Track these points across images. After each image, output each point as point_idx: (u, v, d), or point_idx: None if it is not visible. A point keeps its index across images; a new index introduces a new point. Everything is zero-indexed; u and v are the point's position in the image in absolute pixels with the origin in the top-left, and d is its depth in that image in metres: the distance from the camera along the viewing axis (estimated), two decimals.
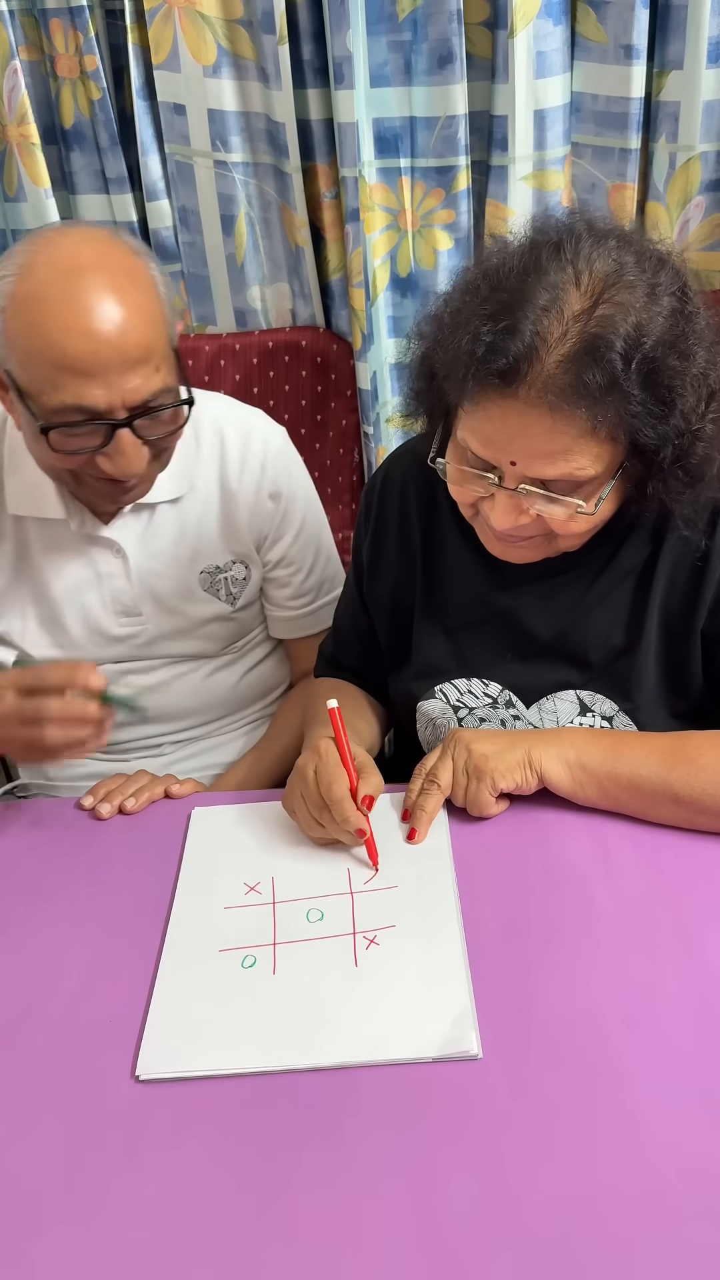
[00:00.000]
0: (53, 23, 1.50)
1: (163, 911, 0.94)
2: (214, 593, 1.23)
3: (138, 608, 1.20)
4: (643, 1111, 0.73)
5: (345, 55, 1.40)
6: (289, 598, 1.30)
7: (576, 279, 0.84)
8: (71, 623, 1.20)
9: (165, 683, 1.26)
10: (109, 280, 0.96)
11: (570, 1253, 0.65)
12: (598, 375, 0.81)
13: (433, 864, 0.96)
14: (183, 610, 1.22)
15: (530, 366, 0.82)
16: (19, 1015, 0.85)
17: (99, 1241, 0.69)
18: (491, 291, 0.86)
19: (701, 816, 0.95)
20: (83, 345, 0.94)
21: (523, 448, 0.86)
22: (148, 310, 0.98)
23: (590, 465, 0.87)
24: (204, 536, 1.21)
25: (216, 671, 1.29)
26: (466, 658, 1.09)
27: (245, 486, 1.21)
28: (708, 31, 1.37)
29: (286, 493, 1.25)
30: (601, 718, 1.04)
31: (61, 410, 0.97)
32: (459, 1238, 0.67)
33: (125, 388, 0.97)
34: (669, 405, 0.84)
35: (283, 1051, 0.80)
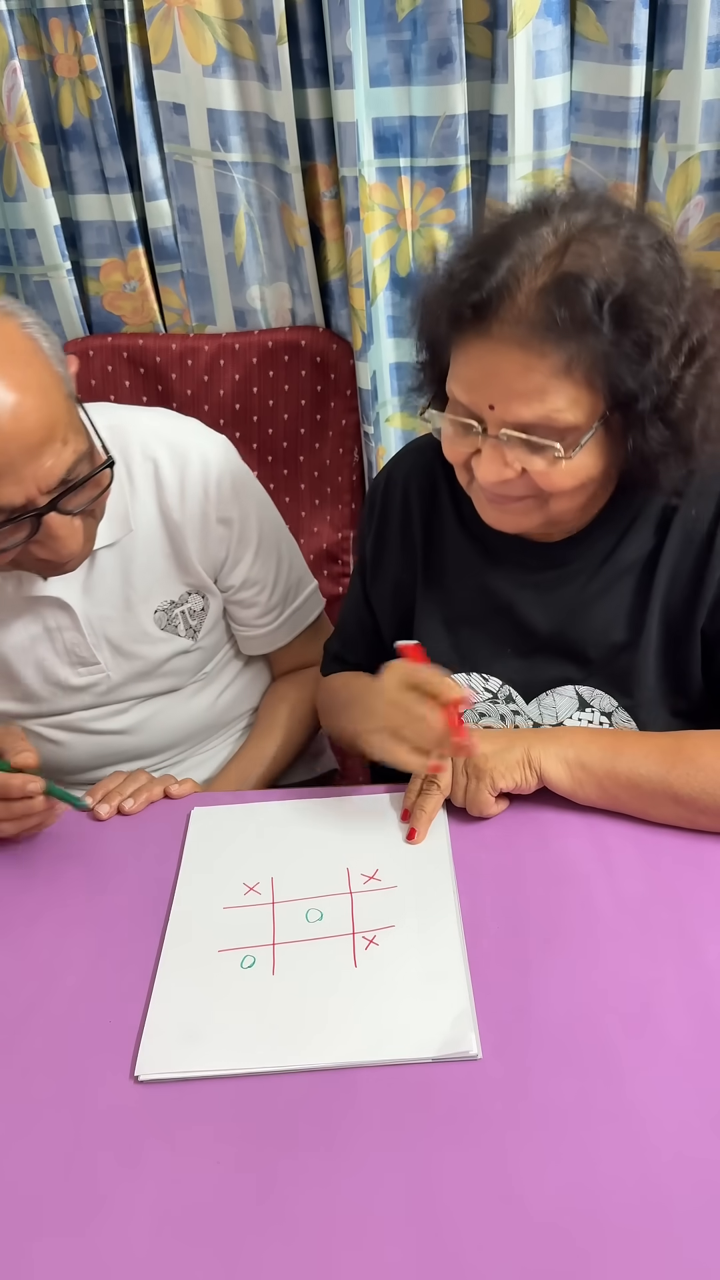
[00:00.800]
0: (52, 22, 1.49)
1: (162, 911, 0.94)
2: (172, 630, 1.18)
3: (94, 657, 1.15)
4: (642, 1111, 0.73)
5: (345, 55, 1.40)
6: (257, 616, 1.25)
7: (555, 229, 0.85)
8: (28, 677, 1.16)
9: (140, 723, 1.22)
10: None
11: (570, 1252, 0.65)
12: (568, 310, 0.82)
13: (432, 864, 0.96)
14: (141, 653, 1.17)
15: (503, 302, 0.84)
16: (18, 1015, 0.85)
17: (98, 1241, 0.69)
18: (472, 245, 0.90)
19: (701, 816, 0.95)
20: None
21: (499, 388, 0.87)
22: (38, 384, 0.91)
23: (567, 409, 0.86)
24: (152, 574, 1.15)
25: (190, 700, 1.25)
26: (466, 652, 1.09)
27: (190, 516, 1.14)
28: (707, 31, 1.36)
29: (238, 515, 1.17)
30: (601, 713, 1.04)
31: None
32: (459, 1237, 0.67)
33: (38, 475, 0.92)
34: (644, 349, 0.84)
35: (282, 1052, 0.80)
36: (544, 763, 0.97)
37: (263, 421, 1.66)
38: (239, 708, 1.33)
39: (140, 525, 1.12)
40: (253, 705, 1.36)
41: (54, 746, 1.21)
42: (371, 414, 1.62)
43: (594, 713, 1.05)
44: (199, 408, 1.66)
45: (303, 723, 1.31)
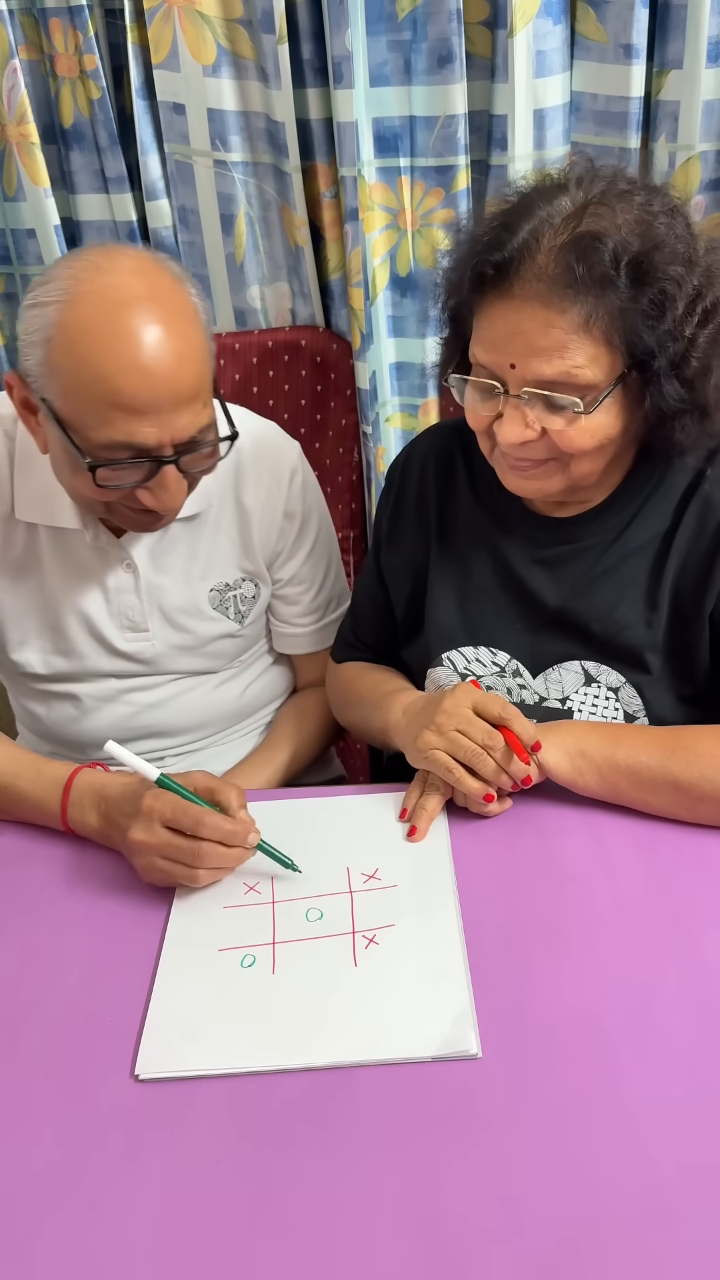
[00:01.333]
0: (52, 22, 1.50)
1: (162, 911, 0.94)
2: (223, 611, 1.22)
3: (145, 623, 1.19)
4: (642, 1110, 0.73)
5: (345, 55, 1.40)
6: (298, 615, 1.30)
7: (572, 198, 0.91)
8: (74, 632, 1.18)
9: (169, 699, 1.25)
10: (161, 314, 0.93)
11: (570, 1252, 0.65)
12: (586, 266, 0.86)
13: (432, 863, 0.96)
14: (190, 627, 1.21)
15: (524, 261, 0.88)
16: (19, 1015, 0.85)
17: (98, 1241, 0.69)
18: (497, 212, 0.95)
19: (701, 804, 0.95)
20: (138, 383, 0.92)
21: (520, 346, 0.90)
22: (198, 345, 0.97)
23: (587, 365, 0.89)
24: (216, 554, 1.20)
25: (221, 686, 1.28)
26: (476, 626, 1.11)
27: (260, 504, 1.20)
28: (707, 31, 1.36)
29: (301, 511, 1.24)
30: (608, 688, 1.05)
31: (110, 447, 0.95)
32: (458, 1237, 0.67)
33: (176, 425, 0.95)
34: (660, 307, 0.88)
35: (282, 1051, 0.80)
36: (544, 752, 0.97)
37: None
38: (262, 702, 1.35)
39: (215, 504, 1.18)
40: (272, 704, 1.37)
41: (76, 712, 1.23)
42: (371, 414, 1.62)
43: (600, 688, 1.05)
44: None
45: (315, 739, 1.32)
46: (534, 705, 1.08)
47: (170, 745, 1.28)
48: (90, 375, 0.92)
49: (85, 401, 0.93)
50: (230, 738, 1.33)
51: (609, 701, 1.05)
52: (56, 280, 0.94)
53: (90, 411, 0.93)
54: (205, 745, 1.31)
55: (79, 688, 1.22)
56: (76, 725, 1.24)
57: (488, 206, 0.95)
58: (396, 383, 1.68)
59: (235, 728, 1.33)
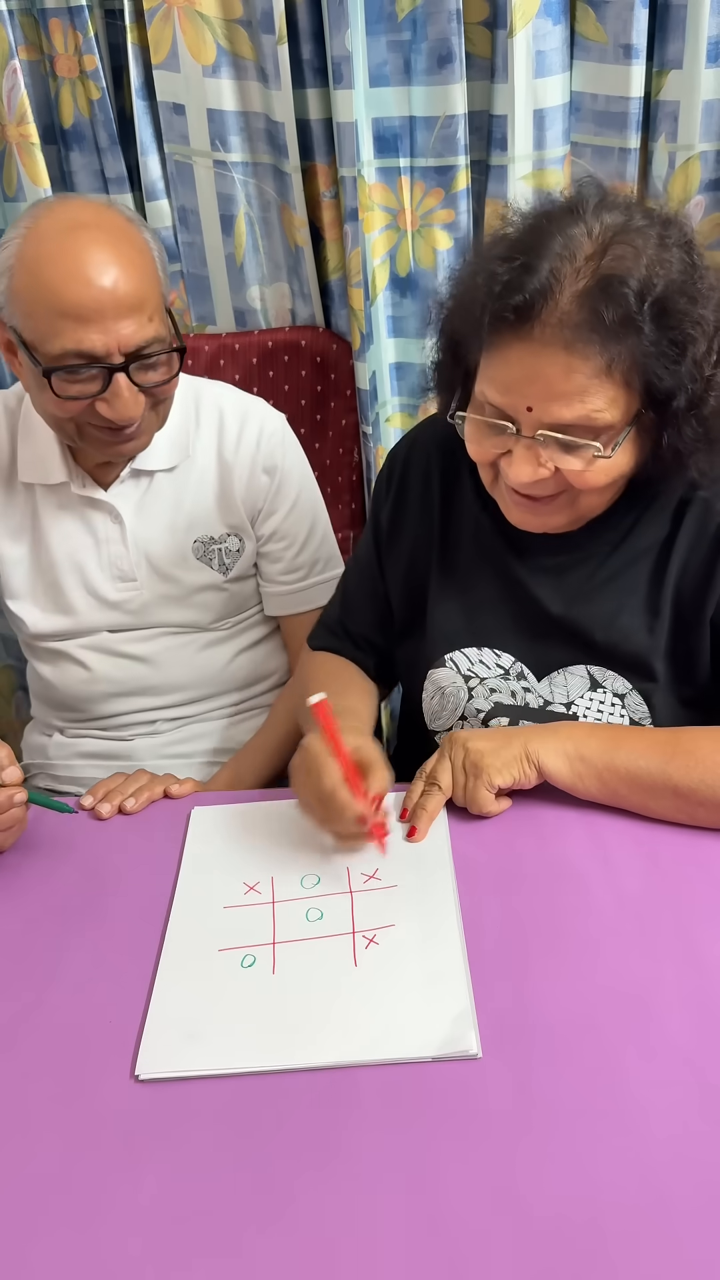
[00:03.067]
0: (52, 22, 1.50)
1: (162, 911, 0.94)
2: (207, 562, 1.28)
3: (133, 573, 1.25)
4: (642, 1110, 0.73)
5: (344, 55, 1.40)
6: (281, 572, 1.33)
7: (589, 230, 0.87)
8: (70, 587, 1.26)
9: (159, 653, 1.30)
10: (105, 237, 1.05)
11: (570, 1252, 0.65)
12: (612, 311, 0.83)
13: (432, 863, 0.96)
14: (176, 577, 1.27)
15: (545, 304, 0.85)
16: (18, 1015, 0.85)
17: (98, 1241, 0.69)
18: (508, 246, 0.90)
19: (700, 809, 0.95)
20: (81, 292, 1.02)
21: (540, 390, 0.87)
22: (140, 265, 1.06)
23: (606, 409, 0.87)
24: (199, 507, 1.26)
25: (210, 646, 1.32)
26: (479, 627, 1.10)
27: (241, 460, 1.26)
28: (707, 31, 1.37)
29: (281, 468, 1.29)
30: (614, 694, 1.04)
31: (62, 356, 1.04)
32: (458, 1237, 0.67)
33: (120, 333, 1.04)
34: (681, 348, 0.86)
35: (282, 1051, 0.80)
36: (542, 756, 0.97)
37: None
38: (251, 675, 1.37)
39: (197, 459, 1.26)
40: (265, 680, 1.40)
41: (81, 671, 1.29)
42: (371, 414, 1.62)
43: (606, 694, 1.05)
44: None
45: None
46: (539, 709, 1.08)
47: (161, 704, 1.33)
48: (42, 289, 1.03)
49: (40, 316, 1.04)
50: (223, 711, 1.35)
51: (615, 708, 1.05)
52: (19, 223, 1.07)
53: (44, 324, 1.04)
54: (198, 712, 1.34)
55: (78, 644, 1.29)
56: (83, 685, 1.30)
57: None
58: (396, 383, 1.68)
59: (228, 697, 1.35)
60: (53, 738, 1.37)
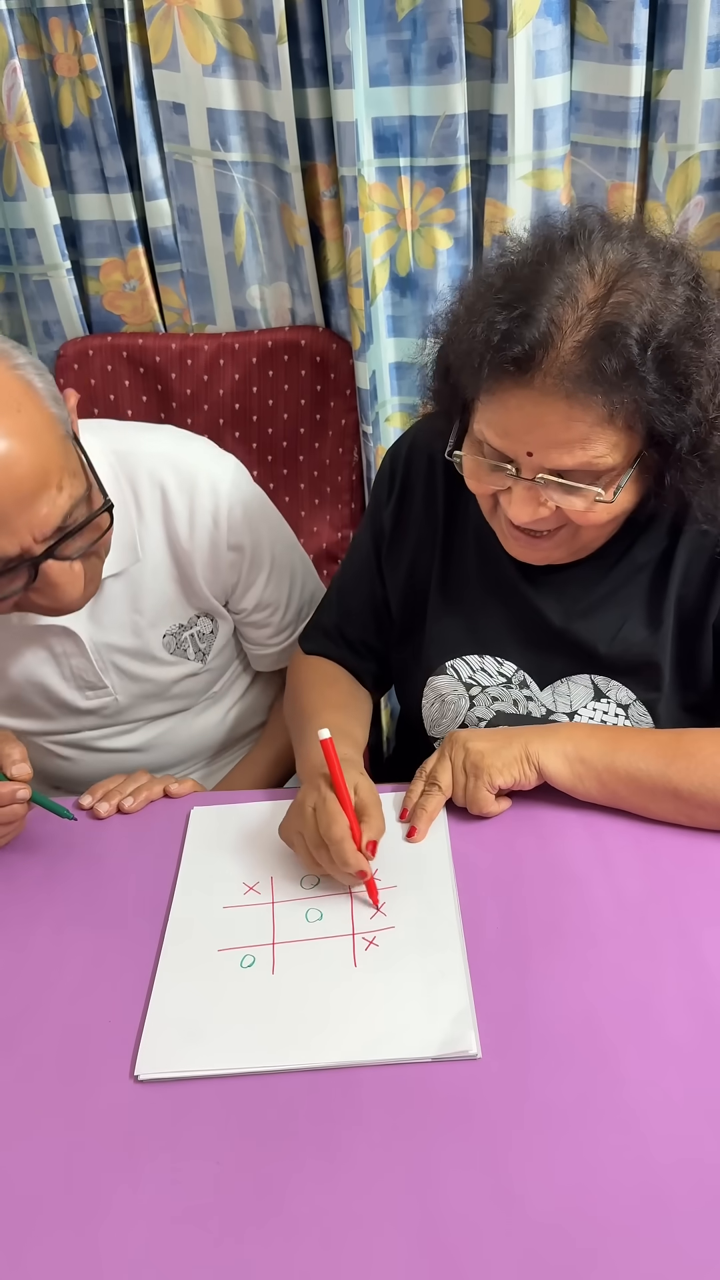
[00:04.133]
0: (52, 22, 1.49)
1: (162, 911, 0.94)
2: (181, 653, 1.18)
3: (101, 681, 1.15)
4: (642, 1110, 0.73)
5: (344, 54, 1.40)
6: (269, 636, 1.26)
7: (591, 269, 0.84)
8: (36, 700, 1.16)
9: (149, 741, 1.23)
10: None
11: (570, 1251, 0.65)
12: (614, 361, 0.81)
13: (432, 864, 0.96)
14: (150, 676, 1.17)
15: (546, 354, 0.83)
16: (18, 1015, 0.85)
17: (97, 1241, 0.69)
18: (505, 282, 0.87)
19: (700, 811, 0.95)
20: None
21: (540, 438, 0.86)
22: (29, 430, 0.88)
23: (608, 454, 0.86)
24: (161, 600, 1.14)
25: (199, 716, 1.26)
26: (482, 635, 1.09)
27: (199, 545, 1.12)
28: (707, 31, 1.36)
29: (249, 542, 1.16)
30: (618, 705, 1.04)
31: None
32: (458, 1237, 0.67)
33: (32, 524, 0.89)
34: (685, 393, 0.84)
35: (282, 1051, 0.80)
36: (542, 757, 0.97)
37: (262, 421, 1.66)
38: (249, 723, 1.33)
39: (148, 553, 1.11)
40: (262, 720, 1.36)
41: (63, 762, 1.23)
42: (371, 414, 1.62)
43: (610, 704, 1.05)
44: (198, 407, 1.66)
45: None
46: (541, 719, 1.08)
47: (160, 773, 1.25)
48: None
49: None
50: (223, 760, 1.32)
51: (618, 718, 1.05)
52: None
53: None
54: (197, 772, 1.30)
55: (56, 746, 1.21)
56: (66, 773, 1.24)
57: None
58: (396, 382, 1.68)
59: (230, 752, 1.32)
60: None
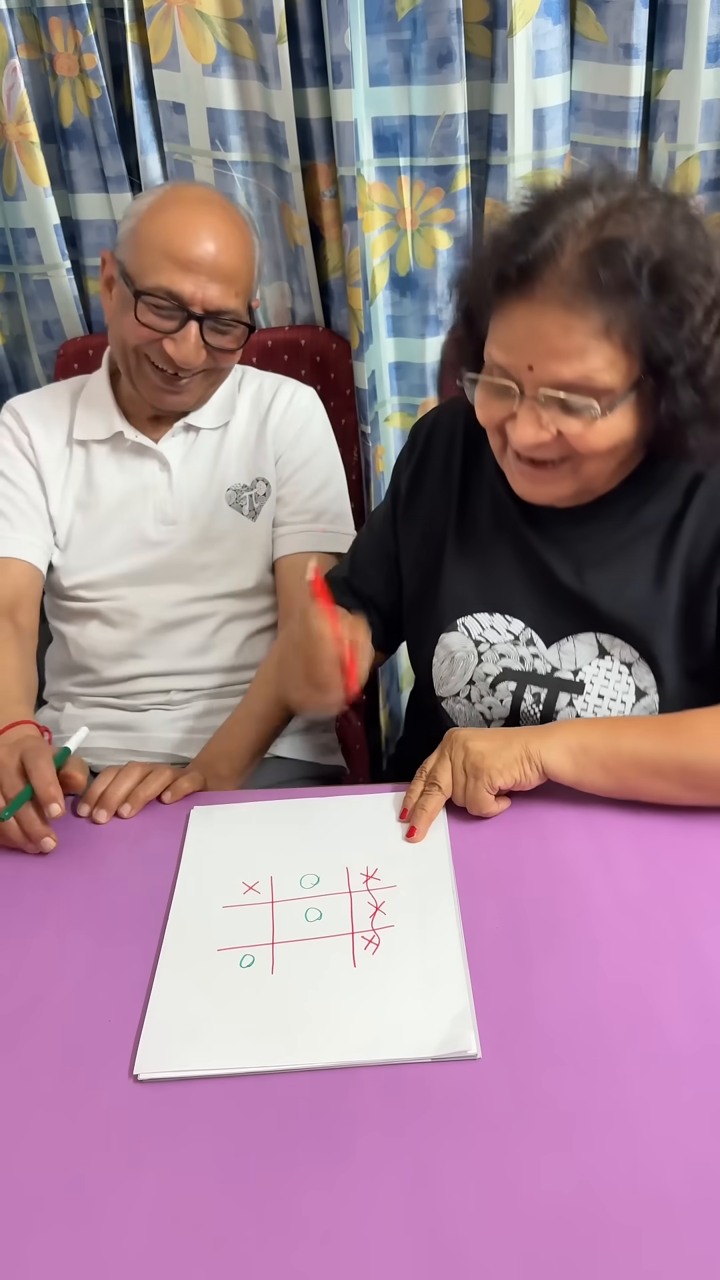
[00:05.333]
0: (52, 21, 1.50)
1: (161, 911, 0.94)
2: (237, 508, 1.40)
3: (175, 516, 1.38)
4: (642, 1111, 0.73)
5: (344, 54, 1.40)
6: (290, 513, 1.41)
7: (595, 203, 0.91)
8: (115, 534, 1.38)
9: (183, 620, 1.38)
10: (223, 215, 1.26)
11: (570, 1251, 0.65)
12: (611, 273, 0.87)
13: (432, 864, 0.96)
14: (210, 521, 1.39)
15: (548, 264, 0.88)
16: (17, 1014, 0.85)
17: (97, 1241, 0.69)
18: (518, 215, 0.95)
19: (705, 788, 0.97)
20: (190, 245, 1.21)
21: (540, 348, 0.90)
22: (244, 253, 1.27)
23: (605, 370, 0.90)
24: (235, 460, 1.40)
25: (230, 621, 1.39)
26: (491, 593, 1.11)
27: (274, 414, 1.41)
28: (707, 31, 1.37)
29: (305, 425, 1.42)
30: (621, 662, 1.05)
31: (155, 289, 1.22)
32: (459, 1237, 0.67)
33: (208, 291, 1.23)
34: (679, 315, 0.88)
35: (281, 1051, 0.80)
36: (544, 754, 0.97)
37: None
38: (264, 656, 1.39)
39: (238, 417, 1.41)
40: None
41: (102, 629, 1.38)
42: (370, 414, 1.62)
43: (614, 661, 1.06)
44: None
45: None
46: (546, 675, 1.09)
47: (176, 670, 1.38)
48: (160, 233, 1.22)
49: (148, 252, 1.23)
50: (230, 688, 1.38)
51: (621, 676, 1.06)
52: (162, 186, 1.31)
53: (149, 259, 1.22)
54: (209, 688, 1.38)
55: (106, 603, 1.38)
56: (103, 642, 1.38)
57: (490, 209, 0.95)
58: (396, 382, 1.68)
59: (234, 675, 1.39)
60: (64, 710, 1.39)
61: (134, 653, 1.37)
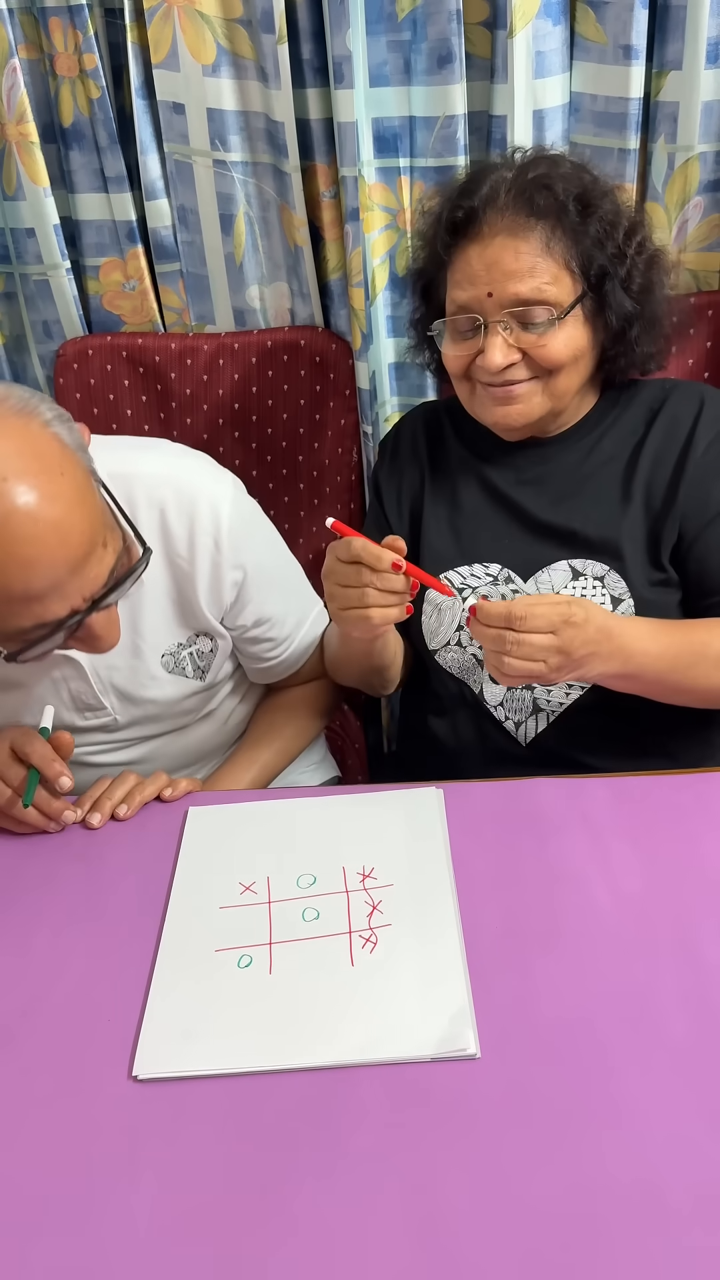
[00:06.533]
0: (52, 21, 1.49)
1: (159, 911, 0.94)
2: (180, 672, 1.17)
3: (100, 703, 1.15)
4: (640, 1110, 0.73)
5: (344, 55, 1.40)
6: (269, 650, 1.25)
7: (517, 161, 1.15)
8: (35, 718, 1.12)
9: (147, 755, 1.23)
10: (31, 494, 0.86)
11: (568, 1252, 0.65)
12: (544, 199, 1.08)
13: (430, 862, 0.96)
14: (150, 697, 1.17)
15: (489, 206, 1.09)
16: (16, 1015, 0.85)
17: (96, 1241, 0.69)
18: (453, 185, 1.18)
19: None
20: (26, 575, 0.87)
21: (496, 274, 1.08)
22: (75, 494, 0.89)
23: (553, 284, 1.08)
24: (159, 620, 1.14)
25: (197, 727, 1.26)
26: (468, 545, 1.21)
27: (199, 567, 1.11)
28: (707, 32, 1.36)
29: (250, 562, 1.15)
30: (593, 578, 1.14)
31: (20, 633, 0.92)
32: (457, 1237, 0.67)
33: (83, 586, 0.91)
34: (604, 233, 1.09)
35: (280, 1051, 0.80)
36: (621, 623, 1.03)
37: (261, 421, 1.66)
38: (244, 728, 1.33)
39: (147, 575, 1.06)
40: None
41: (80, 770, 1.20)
42: (370, 414, 1.62)
43: (587, 579, 1.15)
44: (198, 407, 1.66)
45: (300, 731, 1.31)
46: None
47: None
48: None
49: None
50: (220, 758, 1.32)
51: (595, 590, 1.15)
52: None
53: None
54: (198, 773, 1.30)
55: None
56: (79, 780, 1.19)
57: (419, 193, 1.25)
58: (396, 383, 1.68)
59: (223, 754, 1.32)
60: None
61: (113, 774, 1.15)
